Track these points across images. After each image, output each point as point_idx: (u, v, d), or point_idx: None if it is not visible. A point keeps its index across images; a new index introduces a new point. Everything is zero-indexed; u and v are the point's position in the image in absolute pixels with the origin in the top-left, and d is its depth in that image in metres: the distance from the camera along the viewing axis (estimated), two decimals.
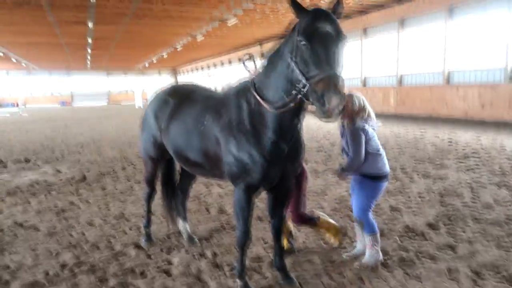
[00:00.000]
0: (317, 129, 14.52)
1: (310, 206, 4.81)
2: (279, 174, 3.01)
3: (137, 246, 4.26)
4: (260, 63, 3.41)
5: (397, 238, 4.22)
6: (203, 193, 6.34)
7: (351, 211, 4.05)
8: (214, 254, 4.02)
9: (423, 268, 3.54)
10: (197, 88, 3.88)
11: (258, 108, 2.91)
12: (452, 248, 3.95)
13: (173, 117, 3.64)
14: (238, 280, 3.27)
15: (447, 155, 8.85)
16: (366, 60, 22.95)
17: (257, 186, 3.03)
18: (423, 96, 18.95)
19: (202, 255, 4.01)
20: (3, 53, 35.19)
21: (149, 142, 4.02)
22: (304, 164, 3.69)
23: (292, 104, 2.67)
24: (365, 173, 3.55)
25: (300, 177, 3.74)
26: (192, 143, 3.39)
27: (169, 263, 3.87)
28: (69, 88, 57.87)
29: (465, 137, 11.62)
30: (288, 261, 3.63)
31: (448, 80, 17.88)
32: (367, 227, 3.61)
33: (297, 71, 2.48)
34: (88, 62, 46.16)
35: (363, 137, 3.47)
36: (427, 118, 17.92)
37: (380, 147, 3.64)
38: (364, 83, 23.20)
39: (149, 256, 4.04)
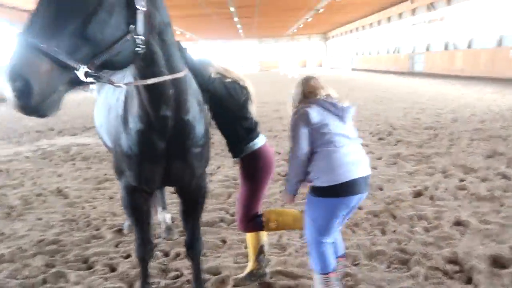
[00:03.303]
0: None
1: None
2: (158, 175, 2.30)
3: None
4: None
5: None
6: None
7: None
8: (176, 255, 3.56)
9: None
10: None
11: None
12: None
13: None
14: None
15: None
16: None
17: (135, 185, 2.37)
18: None
19: (166, 253, 3.61)
20: None
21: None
22: (267, 149, 2.84)
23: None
24: (312, 183, 2.49)
25: (251, 170, 2.84)
26: None
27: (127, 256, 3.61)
28: (226, 56, 62.43)
29: None
30: None
31: None
32: (314, 263, 2.58)
33: None
34: (240, 31, 48.66)
35: (303, 126, 2.42)
36: None
37: (345, 139, 2.45)
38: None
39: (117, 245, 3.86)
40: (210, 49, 60.58)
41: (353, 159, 2.43)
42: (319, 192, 2.46)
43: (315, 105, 2.50)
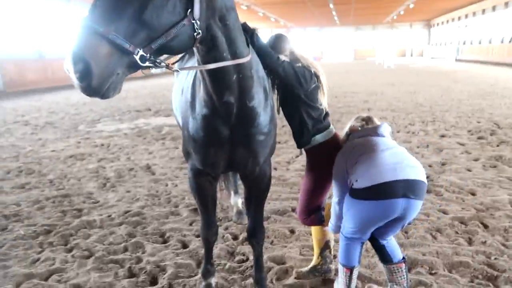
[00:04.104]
0: None
1: None
2: (222, 160, 2.32)
3: None
4: None
5: None
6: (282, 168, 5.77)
7: None
8: (244, 239, 3.63)
9: None
10: None
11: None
12: None
13: None
14: (201, 279, 2.84)
15: None
16: None
17: (200, 169, 2.42)
18: None
19: (235, 237, 3.71)
20: (262, 13, 40.30)
21: None
22: (335, 143, 2.74)
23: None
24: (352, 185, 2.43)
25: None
26: None
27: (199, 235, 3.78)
28: (320, 44, 61.29)
29: None
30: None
31: None
32: (340, 254, 2.58)
33: None
34: (336, 18, 47.28)
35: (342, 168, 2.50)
36: None
37: (383, 146, 2.42)
38: None
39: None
40: (304, 37, 60.00)
41: (395, 160, 2.30)
42: (356, 194, 2.34)
43: (351, 139, 2.59)
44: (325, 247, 2.95)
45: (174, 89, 3.23)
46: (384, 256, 2.57)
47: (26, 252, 3.58)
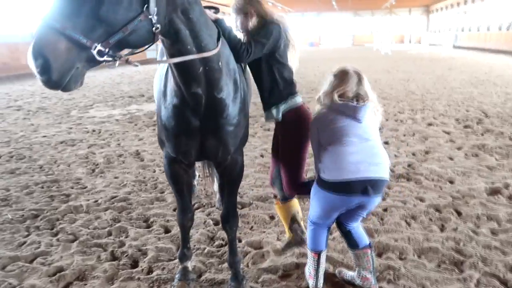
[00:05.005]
0: None
1: None
2: (193, 149, 2.41)
3: None
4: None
5: None
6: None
7: None
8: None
9: None
10: None
11: None
12: None
13: None
14: (178, 262, 2.96)
15: None
16: None
17: (173, 156, 2.51)
18: None
19: (217, 222, 3.82)
20: None
21: None
22: (307, 109, 2.83)
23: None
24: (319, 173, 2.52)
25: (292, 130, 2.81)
26: None
27: None
28: (318, 29, 60.81)
29: None
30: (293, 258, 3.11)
31: None
32: (308, 240, 2.73)
33: None
34: (334, 3, 46.80)
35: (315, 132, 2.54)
36: None
37: (355, 138, 2.42)
38: None
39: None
40: (302, 22, 59.44)
41: (359, 159, 2.37)
42: (321, 184, 2.46)
43: (329, 109, 2.49)
44: (292, 221, 3.06)
45: (155, 76, 3.30)
46: (351, 241, 2.70)
47: (13, 235, 3.69)
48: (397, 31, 54.32)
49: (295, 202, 3.09)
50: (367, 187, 2.34)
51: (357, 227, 2.70)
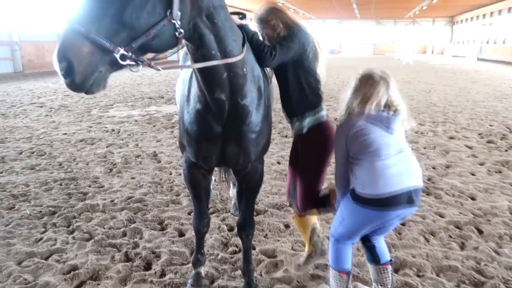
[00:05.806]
0: None
1: None
2: (214, 155, 2.38)
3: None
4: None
5: None
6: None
7: None
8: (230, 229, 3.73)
9: None
10: None
11: None
12: None
13: None
14: (192, 267, 2.94)
15: None
16: None
17: (193, 161, 2.50)
18: None
19: (231, 228, 3.78)
20: (281, 3, 39.94)
21: None
22: (330, 122, 2.75)
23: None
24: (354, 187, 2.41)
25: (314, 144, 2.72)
26: None
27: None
28: (339, 37, 60.54)
29: None
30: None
31: None
32: (330, 257, 2.58)
33: None
34: (356, 11, 46.57)
35: (343, 141, 2.38)
36: None
37: (390, 150, 2.30)
38: None
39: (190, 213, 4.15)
40: (323, 29, 59.29)
41: (399, 170, 2.29)
42: (358, 200, 2.35)
43: (358, 119, 2.33)
44: (312, 233, 2.98)
45: (178, 80, 3.31)
46: (373, 256, 2.61)
47: (30, 231, 3.74)
48: (419, 41, 53.59)
49: (314, 216, 3.03)
50: (412, 196, 2.27)
51: (382, 241, 2.62)
